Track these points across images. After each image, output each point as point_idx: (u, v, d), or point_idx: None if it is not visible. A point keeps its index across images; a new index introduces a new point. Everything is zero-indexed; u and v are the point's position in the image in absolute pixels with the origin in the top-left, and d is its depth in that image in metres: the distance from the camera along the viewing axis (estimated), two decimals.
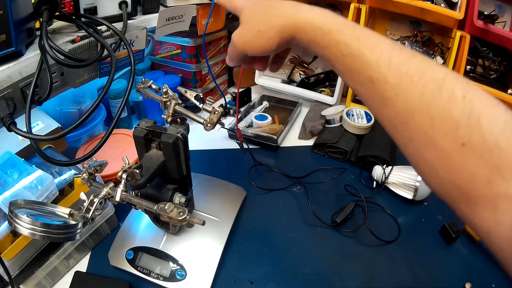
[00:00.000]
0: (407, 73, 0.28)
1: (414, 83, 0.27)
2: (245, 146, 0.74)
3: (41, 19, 0.36)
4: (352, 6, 0.79)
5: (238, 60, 0.41)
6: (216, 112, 0.42)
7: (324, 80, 0.98)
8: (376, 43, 0.30)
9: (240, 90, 0.91)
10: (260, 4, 0.37)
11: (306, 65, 1.04)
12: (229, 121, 0.81)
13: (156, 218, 0.48)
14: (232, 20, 0.87)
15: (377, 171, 0.63)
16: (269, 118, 0.81)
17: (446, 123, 0.25)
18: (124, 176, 0.35)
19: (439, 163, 0.26)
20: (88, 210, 0.35)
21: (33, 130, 0.52)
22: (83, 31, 0.43)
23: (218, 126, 0.45)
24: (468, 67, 0.75)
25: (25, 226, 0.30)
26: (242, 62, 0.41)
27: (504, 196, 0.23)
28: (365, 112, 0.77)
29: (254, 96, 0.94)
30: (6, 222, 0.39)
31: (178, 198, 0.41)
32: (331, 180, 0.65)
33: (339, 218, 0.55)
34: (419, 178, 0.58)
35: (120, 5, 0.48)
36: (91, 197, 0.36)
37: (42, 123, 0.54)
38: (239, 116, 0.84)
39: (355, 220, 0.57)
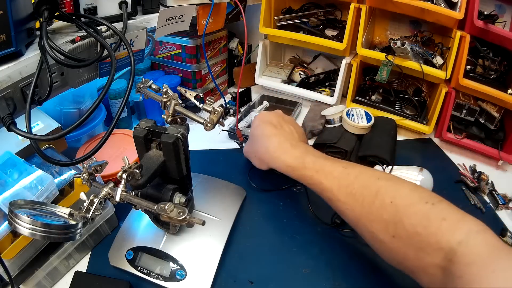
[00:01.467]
0: (351, 192, 0.41)
1: (356, 198, 0.40)
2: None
3: (41, 19, 0.36)
4: (352, 6, 0.79)
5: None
6: (216, 112, 0.42)
7: (324, 80, 0.98)
8: (329, 172, 0.44)
9: (240, 90, 0.91)
10: (251, 144, 0.58)
11: (306, 65, 1.04)
12: (229, 121, 0.81)
13: (156, 218, 0.48)
14: (232, 20, 0.87)
15: None
16: None
17: (380, 223, 0.37)
18: (124, 176, 0.35)
19: (383, 249, 0.39)
20: (88, 210, 0.35)
21: (33, 130, 0.52)
22: (83, 31, 0.43)
23: (218, 128, 0.45)
24: (468, 67, 0.75)
25: (25, 226, 0.30)
26: None
27: (429, 264, 0.33)
28: (365, 112, 0.77)
29: (254, 96, 0.94)
30: (6, 222, 0.39)
31: (178, 198, 0.41)
32: None
33: (339, 218, 0.55)
34: (419, 177, 0.58)
35: (120, 5, 0.48)
36: (91, 197, 0.36)
37: (42, 123, 0.54)
38: (239, 116, 0.84)
39: None
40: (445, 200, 0.36)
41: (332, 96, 0.90)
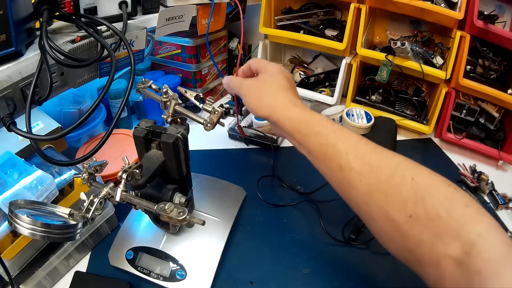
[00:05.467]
0: (368, 162, 0.35)
1: (374, 170, 0.35)
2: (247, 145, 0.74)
3: (41, 19, 0.36)
4: (352, 6, 0.79)
5: (234, 93, 0.49)
6: (216, 112, 0.42)
7: (324, 80, 0.98)
8: (347, 136, 0.38)
9: None
10: (255, 91, 0.45)
11: (306, 65, 1.04)
12: (229, 121, 0.81)
13: (156, 218, 0.48)
14: (232, 20, 0.87)
15: None
16: None
17: (397, 200, 0.32)
18: (124, 176, 0.35)
19: (393, 232, 0.33)
20: (88, 210, 0.35)
21: (33, 130, 0.52)
22: (83, 31, 0.43)
23: (224, 127, 0.45)
24: (468, 67, 0.75)
25: (25, 226, 0.30)
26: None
27: (444, 255, 0.29)
28: (365, 112, 0.77)
29: None
30: (6, 222, 0.39)
31: (178, 198, 0.41)
32: None
33: (348, 229, 0.55)
34: None
35: (120, 5, 0.48)
36: (91, 197, 0.36)
37: (42, 123, 0.54)
38: (242, 118, 0.84)
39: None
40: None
41: (332, 96, 0.90)
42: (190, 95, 0.48)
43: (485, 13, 0.69)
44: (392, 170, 0.34)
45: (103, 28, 0.45)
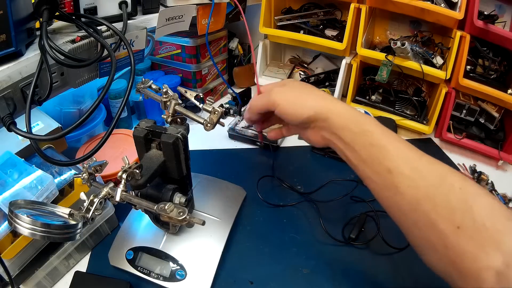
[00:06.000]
0: (417, 168, 0.34)
1: (423, 175, 0.33)
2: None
3: (41, 19, 0.36)
4: (352, 6, 0.79)
5: (259, 113, 0.45)
6: (216, 112, 0.42)
7: (324, 80, 0.98)
8: (396, 140, 0.36)
9: (240, 90, 0.91)
10: (301, 84, 0.44)
11: (306, 65, 1.04)
12: (229, 121, 0.81)
13: (156, 218, 0.48)
14: (232, 20, 0.87)
15: None
16: None
17: (445, 209, 0.31)
18: (124, 176, 0.35)
19: (438, 242, 0.32)
20: (88, 210, 0.35)
21: (33, 130, 0.52)
22: (83, 31, 0.43)
23: (224, 127, 0.45)
24: (468, 67, 0.75)
25: (25, 226, 0.30)
26: (258, 117, 0.46)
27: (486, 267, 0.29)
28: (365, 112, 0.77)
29: None
30: (6, 222, 0.39)
31: (178, 198, 0.41)
32: (331, 182, 0.64)
33: (354, 233, 0.55)
34: None
35: (120, 5, 0.48)
36: (91, 197, 0.36)
37: (42, 123, 0.54)
38: (240, 118, 0.84)
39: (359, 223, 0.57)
40: None
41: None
42: (190, 95, 0.48)
43: (485, 13, 0.69)
44: (441, 178, 0.33)
45: (103, 28, 0.45)
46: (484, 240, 0.29)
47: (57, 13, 0.39)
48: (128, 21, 0.48)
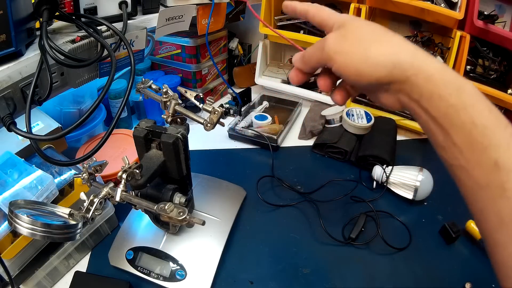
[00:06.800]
0: None
1: None
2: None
3: (41, 19, 0.36)
4: (352, 6, 0.79)
5: (314, 68, 0.33)
6: (216, 112, 0.42)
7: None
8: (507, 125, 0.26)
9: (240, 90, 0.91)
10: (368, 27, 0.30)
11: None
12: (229, 121, 0.81)
13: (156, 218, 0.48)
14: (232, 20, 0.87)
15: (377, 172, 0.63)
16: (269, 118, 0.81)
17: None
18: (124, 176, 0.35)
19: None
20: (88, 210, 0.35)
21: (33, 130, 0.52)
22: (83, 31, 0.43)
23: (224, 127, 0.45)
24: (468, 67, 0.75)
25: (25, 226, 0.30)
26: (312, 71, 0.34)
27: None
28: (365, 112, 0.77)
29: (254, 96, 0.94)
30: (6, 222, 0.39)
31: (178, 198, 0.41)
32: (331, 182, 0.64)
33: (348, 229, 0.55)
34: (419, 178, 0.58)
35: (120, 5, 0.48)
36: (91, 197, 0.36)
37: (42, 123, 0.54)
38: (241, 118, 0.84)
39: (357, 222, 0.57)
40: None
41: None
42: (190, 95, 0.48)
43: (485, 13, 0.70)
44: None
45: (103, 28, 0.45)
46: None
47: (57, 13, 0.39)
48: (128, 21, 0.48)
